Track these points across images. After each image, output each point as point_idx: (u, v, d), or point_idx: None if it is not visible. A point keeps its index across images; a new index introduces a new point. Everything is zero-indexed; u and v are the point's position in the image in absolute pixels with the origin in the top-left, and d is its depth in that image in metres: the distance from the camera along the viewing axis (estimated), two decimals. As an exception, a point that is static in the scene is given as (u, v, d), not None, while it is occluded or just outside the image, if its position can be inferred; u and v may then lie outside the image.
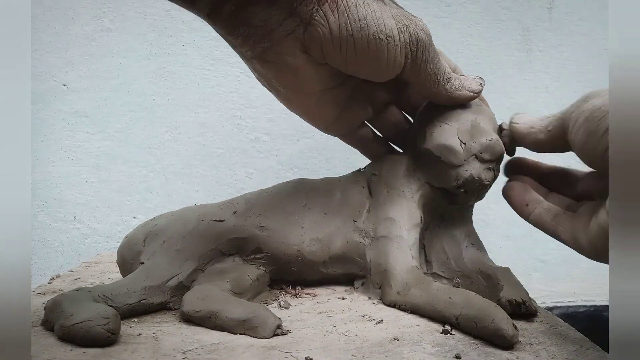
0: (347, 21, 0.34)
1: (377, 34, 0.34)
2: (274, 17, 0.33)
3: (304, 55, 0.35)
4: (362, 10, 0.34)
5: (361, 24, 0.34)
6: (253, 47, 0.35)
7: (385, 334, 0.32)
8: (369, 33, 0.34)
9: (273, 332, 0.31)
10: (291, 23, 0.34)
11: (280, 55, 0.35)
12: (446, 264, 0.41)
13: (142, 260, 0.38)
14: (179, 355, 0.28)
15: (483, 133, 0.38)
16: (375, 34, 0.34)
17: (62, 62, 0.65)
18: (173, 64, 0.67)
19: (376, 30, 0.34)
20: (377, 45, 0.35)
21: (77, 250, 0.65)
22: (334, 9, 0.33)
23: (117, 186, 0.66)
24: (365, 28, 0.34)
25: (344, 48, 0.35)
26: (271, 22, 0.33)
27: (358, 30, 0.34)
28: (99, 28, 0.66)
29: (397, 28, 0.35)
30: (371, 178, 0.43)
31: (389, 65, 0.36)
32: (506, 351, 0.29)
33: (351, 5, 0.34)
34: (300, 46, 0.35)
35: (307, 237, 0.40)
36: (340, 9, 0.34)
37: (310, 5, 0.33)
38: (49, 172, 0.65)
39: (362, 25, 0.34)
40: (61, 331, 0.30)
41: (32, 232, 0.64)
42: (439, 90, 0.38)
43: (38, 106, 0.65)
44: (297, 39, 0.34)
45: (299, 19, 0.33)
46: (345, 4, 0.34)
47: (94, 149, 0.66)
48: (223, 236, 0.40)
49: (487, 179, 0.39)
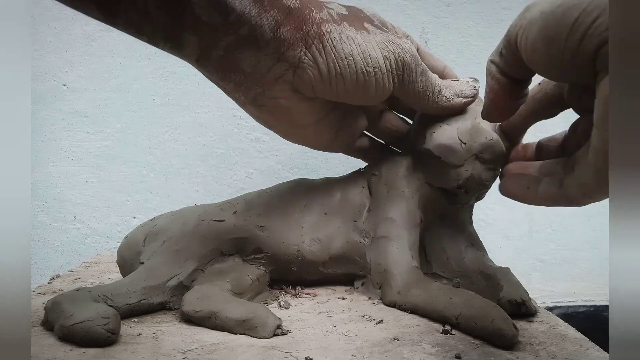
0: (334, 60, 0.34)
1: (364, 67, 0.35)
2: (263, 63, 0.34)
3: (295, 95, 0.36)
4: (347, 47, 0.34)
5: (348, 61, 0.35)
6: (246, 93, 0.36)
7: (386, 334, 0.32)
8: (357, 69, 0.35)
9: (273, 332, 0.31)
10: (280, 67, 0.34)
11: (272, 99, 0.36)
12: (446, 264, 0.41)
13: (142, 260, 0.38)
14: (179, 355, 0.28)
15: (483, 133, 0.38)
16: (362, 68, 0.35)
17: (62, 62, 0.65)
18: (173, 64, 0.67)
19: (363, 64, 0.35)
20: (365, 78, 0.35)
21: (77, 250, 0.65)
22: (321, 50, 0.34)
23: (117, 186, 0.66)
24: (352, 65, 0.35)
25: (334, 85, 0.35)
26: (260, 67, 0.34)
27: (345, 67, 0.35)
28: (99, 28, 0.66)
29: (383, 56, 0.35)
30: (371, 178, 0.43)
31: (377, 92, 0.36)
32: (506, 351, 0.29)
33: (336, 44, 0.34)
34: (290, 87, 0.36)
35: (307, 237, 0.40)
36: (327, 49, 0.34)
37: (297, 49, 0.34)
38: (49, 172, 0.65)
39: (349, 63, 0.35)
40: (61, 331, 0.30)
41: (32, 232, 0.64)
42: (429, 105, 0.38)
43: (38, 106, 0.65)
44: (287, 82, 0.35)
45: (287, 64, 0.34)
46: (330, 44, 0.34)
47: (94, 149, 0.66)
48: (223, 236, 0.40)
49: (487, 179, 0.39)
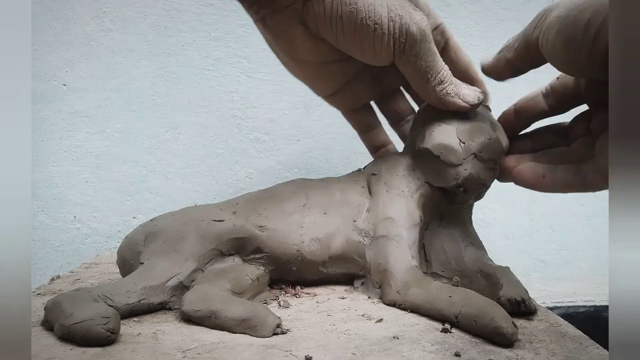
0: (339, 2, 0.35)
1: (365, 19, 0.35)
2: None
3: (301, 27, 0.37)
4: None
5: (351, 7, 0.35)
6: (257, 11, 0.37)
7: (385, 333, 0.32)
8: (357, 18, 0.35)
9: (273, 331, 0.32)
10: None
11: (278, 22, 0.37)
12: (446, 263, 0.41)
13: (142, 260, 0.38)
14: (178, 354, 0.29)
15: (482, 132, 0.38)
16: (363, 19, 0.35)
17: (62, 62, 0.65)
18: (173, 64, 0.67)
19: (365, 16, 0.35)
20: (364, 30, 0.35)
21: (77, 250, 0.65)
22: None
23: (117, 186, 0.66)
24: (354, 12, 0.35)
25: (334, 27, 0.36)
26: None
27: (347, 13, 0.35)
28: (99, 28, 0.66)
29: (388, 17, 0.35)
30: (371, 178, 0.43)
31: (375, 51, 0.36)
32: (506, 349, 0.29)
33: None
34: (298, 18, 0.36)
35: (307, 237, 0.40)
36: None
37: None
38: (49, 172, 0.65)
39: (351, 10, 0.35)
40: (61, 331, 0.30)
41: (32, 232, 0.64)
42: (427, 90, 0.38)
43: (38, 106, 0.65)
44: (295, 11, 0.36)
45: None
46: None
47: (94, 149, 0.66)
48: (223, 236, 0.40)
49: (486, 178, 0.39)
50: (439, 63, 0.38)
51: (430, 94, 0.38)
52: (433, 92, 0.38)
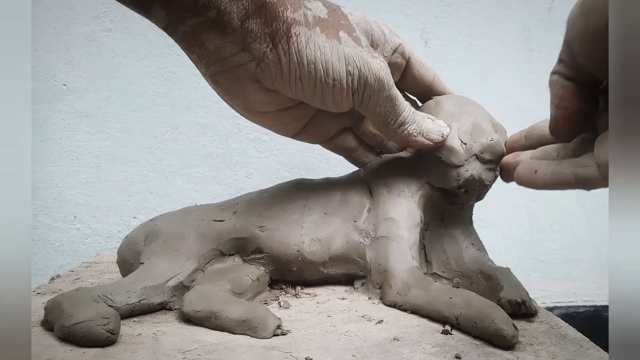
0: (296, 65, 0.34)
1: (323, 77, 0.35)
2: (227, 48, 0.34)
3: (254, 84, 0.36)
4: (311, 54, 0.34)
5: (309, 68, 0.34)
6: (206, 67, 0.36)
7: (385, 334, 0.32)
8: (316, 77, 0.35)
9: (273, 332, 0.31)
10: (243, 57, 0.34)
11: (230, 80, 0.36)
12: (446, 264, 0.41)
13: (142, 260, 0.38)
14: (178, 355, 0.28)
15: (484, 133, 0.38)
16: (322, 78, 0.35)
17: (62, 62, 0.65)
18: (173, 64, 0.67)
19: (323, 74, 0.35)
20: (324, 87, 0.35)
21: (77, 250, 0.65)
22: (286, 51, 0.34)
23: (117, 186, 0.66)
24: (312, 72, 0.35)
25: (293, 87, 0.35)
26: (224, 51, 0.34)
27: (305, 74, 0.35)
28: (99, 28, 0.66)
29: (346, 70, 0.35)
30: (371, 178, 0.43)
31: (336, 101, 0.36)
32: (506, 351, 0.29)
33: (301, 49, 0.34)
34: (251, 76, 0.35)
35: (307, 237, 0.40)
36: (292, 51, 0.34)
37: (263, 44, 0.34)
38: (49, 172, 0.65)
39: (309, 70, 0.34)
40: (61, 331, 0.30)
41: (32, 232, 0.64)
42: (389, 132, 0.38)
43: (38, 106, 0.65)
44: (248, 70, 0.35)
45: (251, 55, 0.34)
46: (295, 47, 0.34)
47: (94, 149, 0.66)
48: (223, 236, 0.40)
49: (487, 179, 0.39)
50: (399, 106, 0.37)
51: (391, 135, 0.39)
52: (394, 134, 0.38)
